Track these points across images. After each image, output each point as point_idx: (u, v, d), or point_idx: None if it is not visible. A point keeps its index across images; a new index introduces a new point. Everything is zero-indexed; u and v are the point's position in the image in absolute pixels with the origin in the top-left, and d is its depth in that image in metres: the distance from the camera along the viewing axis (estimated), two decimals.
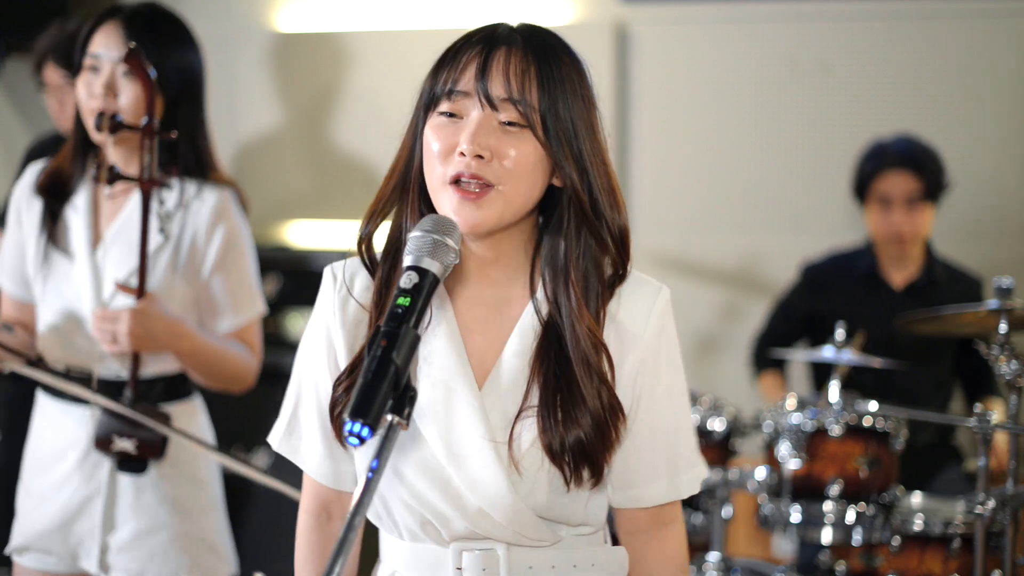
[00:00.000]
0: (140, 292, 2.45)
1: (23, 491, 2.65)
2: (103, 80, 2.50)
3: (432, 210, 1.63)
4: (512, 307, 1.67)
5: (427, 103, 1.65)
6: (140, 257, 2.45)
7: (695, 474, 1.72)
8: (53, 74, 3.64)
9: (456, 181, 1.59)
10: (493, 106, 1.59)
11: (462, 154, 1.58)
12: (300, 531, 1.78)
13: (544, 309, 1.65)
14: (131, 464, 2.50)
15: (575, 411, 1.60)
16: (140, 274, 2.45)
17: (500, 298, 1.68)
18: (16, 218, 2.64)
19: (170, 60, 2.53)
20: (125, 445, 2.47)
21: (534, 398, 1.62)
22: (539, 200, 1.64)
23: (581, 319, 1.61)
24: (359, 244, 1.69)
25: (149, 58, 2.47)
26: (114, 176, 2.42)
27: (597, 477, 1.63)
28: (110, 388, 2.53)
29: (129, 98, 2.49)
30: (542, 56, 1.62)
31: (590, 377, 1.61)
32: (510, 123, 1.60)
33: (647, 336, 1.66)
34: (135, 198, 2.57)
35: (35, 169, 2.66)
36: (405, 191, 1.67)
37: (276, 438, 1.77)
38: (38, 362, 2.51)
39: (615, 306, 1.66)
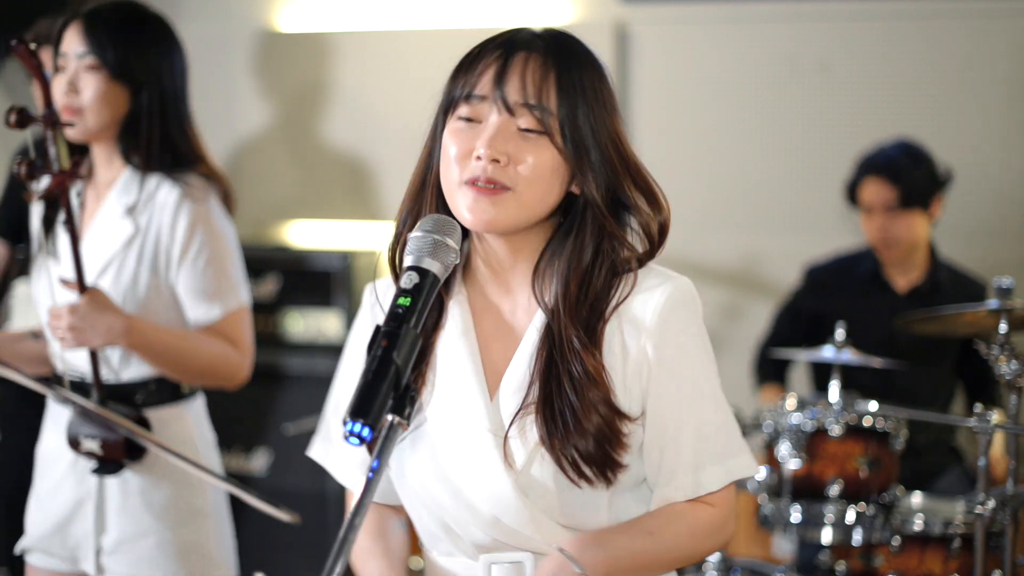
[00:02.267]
0: (81, 287, 2.42)
1: (33, 491, 2.66)
2: (67, 78, 2.50)
3: (450, 215, 1.63)
4: (527, 312, 1.67)
5: (446, 107, 1.65)
6: (73, 251, 2.40)
7: (723, 468, 1.66)
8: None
9: (472, 183, 1.59)
10: (511, 111, 1.59)
11: (479, 158, 1.58)
12: (356, 550, 1.75)
13: (548, 312, 1.64)
14: (104, 466, 2.48)
15: (572, 417, 1.58)
16: (76, 269, 2.41)
17: (516, 303, 1.68)
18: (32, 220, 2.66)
19: (131, 53, 2.51)
20: (91, 446, 2.46)
21: (533, 396, 1.61)
22: (556, 206, 1.63)
23: (570, 335, 1.60)
24: (391, 252, 1.69)
25: (104, 52, 2.47)
26: (33, 170, 2.38)
27: (606, 479, 1.61)
28: (84, 389, 2.51)
29: (90, 93, 2.48)
30: (562, 62, 1.61)
31: (582, 391, 1.59)
32: (528, 129, 1.59)
33: (651, 328, 1.62)
34: (110, 198, 2.56)
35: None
36: (422, 196, 1.68)
37: (318, 451, 1.80)
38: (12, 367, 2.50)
39: (629, 300, 1.63)
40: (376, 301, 1.74)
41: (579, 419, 1.58)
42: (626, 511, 1.67)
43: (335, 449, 1.77)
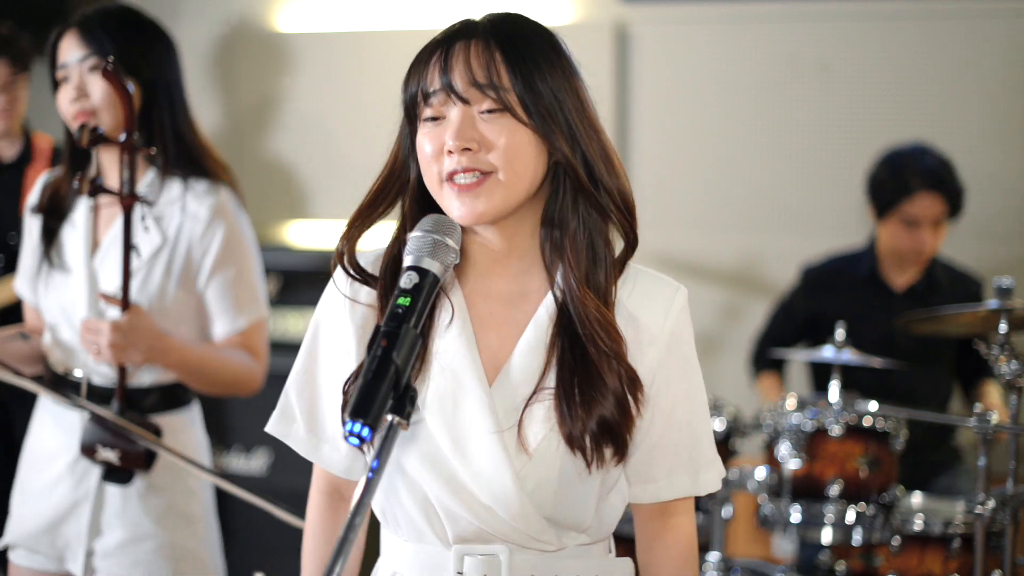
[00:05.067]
0: (124, 305, 2.42)
1: (18, 488, 2.64)
2: (73, 84, 2.49)
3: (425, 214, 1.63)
4: (529, 300, 1.66)
5: (409, 113, 1.66)
6: (123, 270, 2.41)
7: (716, 473, 1.72)
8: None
9: (452, 178, 1.59)
10: (464, 99, 1.60)
11: (450, 152, 1.59)
12: (311, 512, 1.79)
13: (559, 295, 1.64)
14: (116, 474, 2.47)
15: (594, 391, 1.59)
16: (124, 287, 2.42)
17: (517, 292, 1.67)
18: (29, 227, 2.66)
19: (131, 49, 2.50)
20: (108, 455, 2.44)
21: (549, 381, 1.61)
22: (542, 181, 1.63)
23: (585, 299, 1.60)
24: (339, 258, 1.67)
25: (105, 50, 2.46)
26: (96, 188, 2.38)
27: (621, 453, 1.62)
28: (102, 395, 2.51)
29: (99, 93, 2.47)
30: (505, 38, 1.62)
31: (603, 356, 1.60)
32: (489, 111, 1.59)
33: (664, 336, 1.66)
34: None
35: (42, 181, 2.66)
36: (396, 204, 1.69)
37: (275, 427, 1.78)
38: (27, 374, 2.49)
39: (632, 302, 1.66)
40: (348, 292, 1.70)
41: (601, 393, 1.59)
42: (609, 513, 1.69)
43: (296, 426, 1.76)
